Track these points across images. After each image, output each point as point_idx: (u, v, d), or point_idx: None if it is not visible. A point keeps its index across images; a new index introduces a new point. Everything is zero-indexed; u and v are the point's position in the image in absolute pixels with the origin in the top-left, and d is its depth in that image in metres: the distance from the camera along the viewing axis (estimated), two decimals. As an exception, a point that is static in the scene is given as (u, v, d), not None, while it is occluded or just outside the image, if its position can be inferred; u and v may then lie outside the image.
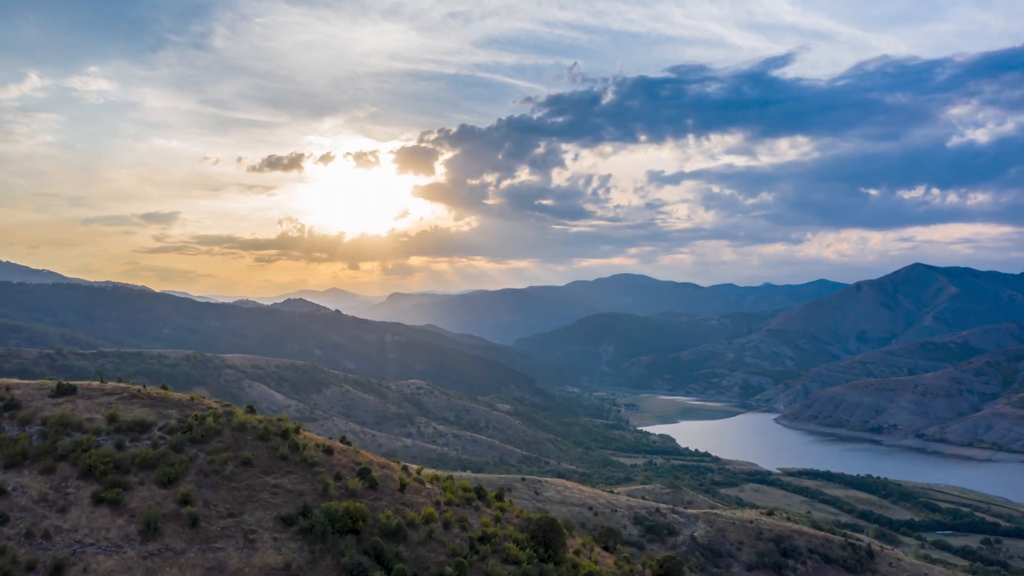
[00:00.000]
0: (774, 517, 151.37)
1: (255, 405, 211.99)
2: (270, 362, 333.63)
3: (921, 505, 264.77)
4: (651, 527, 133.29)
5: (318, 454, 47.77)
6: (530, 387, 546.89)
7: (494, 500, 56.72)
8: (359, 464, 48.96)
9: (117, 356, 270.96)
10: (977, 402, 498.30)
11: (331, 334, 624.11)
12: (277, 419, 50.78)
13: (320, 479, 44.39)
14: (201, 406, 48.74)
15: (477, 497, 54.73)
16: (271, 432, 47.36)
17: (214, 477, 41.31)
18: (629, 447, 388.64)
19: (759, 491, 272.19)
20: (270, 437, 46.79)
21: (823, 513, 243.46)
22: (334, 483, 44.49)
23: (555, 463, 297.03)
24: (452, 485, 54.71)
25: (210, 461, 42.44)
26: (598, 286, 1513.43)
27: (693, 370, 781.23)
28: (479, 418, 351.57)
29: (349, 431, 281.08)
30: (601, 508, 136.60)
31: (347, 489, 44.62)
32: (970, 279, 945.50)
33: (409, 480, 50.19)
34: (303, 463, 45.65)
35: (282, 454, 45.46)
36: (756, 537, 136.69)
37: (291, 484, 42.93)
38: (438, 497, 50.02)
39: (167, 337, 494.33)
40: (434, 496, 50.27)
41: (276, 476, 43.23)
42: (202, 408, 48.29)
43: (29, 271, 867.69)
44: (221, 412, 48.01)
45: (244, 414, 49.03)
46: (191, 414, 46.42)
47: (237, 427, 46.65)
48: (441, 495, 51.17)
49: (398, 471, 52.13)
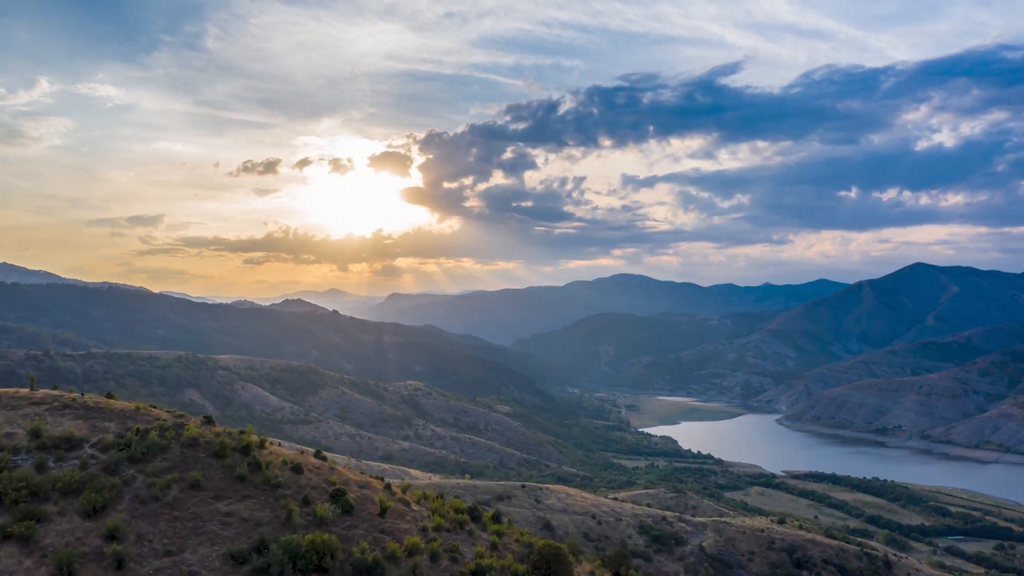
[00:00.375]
0: (786, 525, 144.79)
1: (249, 407, 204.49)
2: (264, 363, 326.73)
3: (931, 509, 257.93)
4: (657, 537, 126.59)
5: (284, 473, 40.91)
6: (530, 388, 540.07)
7: (490, 522, 49.94)
8: (333, 484, 42.16)
9: (106, 357, 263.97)
10: (983, 403, 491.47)
11: (328, 335, 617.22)
12: (239, 431, 43.88)
13: (283, 504, 37.54)
14: (147, 417, 41.83)
15: (471, 519, 48.00)
16: (228, 447, 40.46)
17: (153, 505, 34.50)
18: (630, 449, 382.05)
19: (764, 495, 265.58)
20: (227, 454, 39.91)
21: (831, 518, 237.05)
22: (300, 509, 37.65)
23: (555, 466, 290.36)
24: (442, 506, 47.94)
25: (150, 485, 35.56)
26: (597, 286, 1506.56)
27: (694, 370, 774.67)
28: (478, 420, 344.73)
29: (345, 434, 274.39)
30: (605, 517, 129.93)
31: (315, 516, 37.82)
32: (972, 279, 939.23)
33: (392, 503, 43.36)
34: (264, 485, 38.81)
35: (239, 474, 38.59)
36: (767, 547, 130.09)
37: (247, 511, 36.12)
38: (425, 522, 43.22)
39: (162, 338, 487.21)
40: (421, 520, 43.51)
41: (230, 502, 36.42)
42: (148, 419, 41.37)
43: (25, 272, 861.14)
44: (171, 424, 41.10)
45: (198, 426, 42.10)
46: (133, 427, 39.53)
47: (187, 442, 39.78)
48: (429, 519, 44.42)
49: (379, 491, 45.32)
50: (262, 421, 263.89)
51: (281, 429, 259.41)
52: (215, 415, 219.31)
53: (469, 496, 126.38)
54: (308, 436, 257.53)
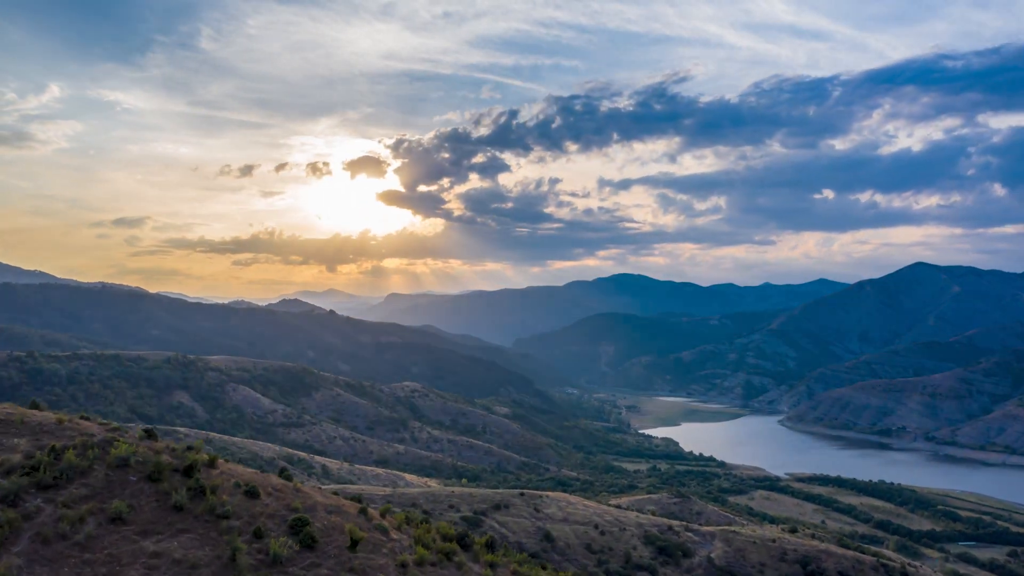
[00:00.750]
0: (798, 534, 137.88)
1: (239, 410, 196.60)
2: (257, 364, 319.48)
3: (940, 514, 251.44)
4: (663, 548, 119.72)
5: (235, 499, 33.97)
6: (529, 389, 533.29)
7: (483, 550, 43.07)
8: (295, 511, 35.30)
9: (93, 358, 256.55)
10: (988, 403, 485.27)
11: (325, 335, 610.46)
12: (185, 448, 36.93)
13: (228, 540, 30.69)
14: (71, 431, 34.85)
15: (460, 547, 41.16)
16: (166, 468, 33.51)
17: (58, 545, 27.59)
18: (631, 451, 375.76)
19: (769, 499, 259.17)
20: (163, 477, 32.97)
21: (839, 523, 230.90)
22: (248, 546, 30.75)
23: (555, 470, 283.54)
24: (427, 533, 41.03)
25: (59, 519, 28.59)
26: (597, 286, 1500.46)
27: (694, 371, 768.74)
28: (476, 422, 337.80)
29: (339, 437, 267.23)
30: (608, 527, 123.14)
31: (268, 554, 30.89)
32: (972, 278, 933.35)
33: (366, 533, 36.41)
34: (208, 515, 31.87)
35: (176, 503, 31.63)
36: (780, 558, 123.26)
37: (181, 550, 29.19)
38: (405, 555, 36.29)
39: (155, 339, 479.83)
40: (400, 553, 36.63)
41: (161, 538, 29.50)
42: (71, 434, 34.40)
43: (20, 272, 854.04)
44: (97, 440, 34.14)
45: (133, 443, 35.10)
46: (49, 444, 32.63)
47: (115, 463, 32.83)
48: (411, 550, 37.55)
49: (353, 516, 38.39)
50: (253, 424, 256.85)
51: (273, 432, 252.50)
52: (204, 418, 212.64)
53: (465, 505, 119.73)
54: (301, 439, 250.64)
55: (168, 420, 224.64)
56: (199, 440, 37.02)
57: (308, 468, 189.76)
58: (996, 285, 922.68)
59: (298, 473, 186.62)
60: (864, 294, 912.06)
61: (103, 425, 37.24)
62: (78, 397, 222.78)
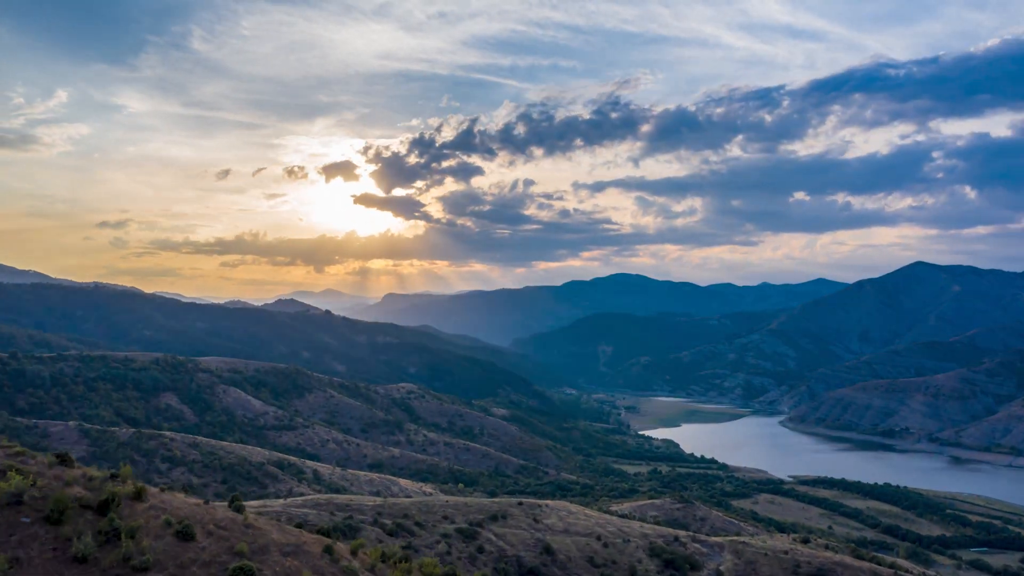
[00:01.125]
0: (810, 545, 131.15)
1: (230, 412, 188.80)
2: (249, 365, 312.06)
3: (949, 518, 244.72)
4: (670, 561, 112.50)
5: (161, 543, 27.00)
6: (527, 390, 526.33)
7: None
8: (240, 555, 28.42)
9: (78, 360, 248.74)
10: (991, 404, 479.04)
11: (321, 335, 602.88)
12: (107, 474, 29.98)
13: (142, 603, 23.76)
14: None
15: (447, 591, 34.35)
16: (70, 507, 26.63)
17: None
18: (631, 453, 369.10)
19: (774, 502, 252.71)
20: (66, 518, 26.09)
21: (845, 528, 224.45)
22: (167, 611, 23.88)
23: (554, 473, 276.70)
24: (407, 573, 34.17)
25: (-91, 581, 21.92)
26: (595, 286, 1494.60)
27: (694, 371, 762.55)
28: (473, 424, 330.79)
29: (332, 440, 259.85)
30: (611, 538, 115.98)
31: (194, 620, 24.10)
32: (973, 278, 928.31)
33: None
34: (120, 566, 24.93)
35: (77, 553, 24.78)
36: (793, 572, 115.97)
37: (75, 620, 22.32)
38: (376, 610, 29.43)
39: (148, 339, 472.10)
40: (371, 604, 29.75)
41: (49, 603, 22.66)
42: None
43: (14, 271, 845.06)
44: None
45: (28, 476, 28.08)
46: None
47: (6, 500, 26.01)
48: (384, 599, 30.70)
49: (315, 557, 31.42)
50: (244, 427, 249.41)
51: (264, 435, 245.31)
52: (193, 421, 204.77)
53: (460, 516, 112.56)
54: (292, 443, 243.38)
55: (155, 423, 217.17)
56: (126, 466, 30.07)
57: (299, 473, 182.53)
58: (996, 285, 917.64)
59: (288, 479, 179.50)
60: (864, 294, 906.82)
61: (5, 448, 30.27)
62: (61, 400, 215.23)
